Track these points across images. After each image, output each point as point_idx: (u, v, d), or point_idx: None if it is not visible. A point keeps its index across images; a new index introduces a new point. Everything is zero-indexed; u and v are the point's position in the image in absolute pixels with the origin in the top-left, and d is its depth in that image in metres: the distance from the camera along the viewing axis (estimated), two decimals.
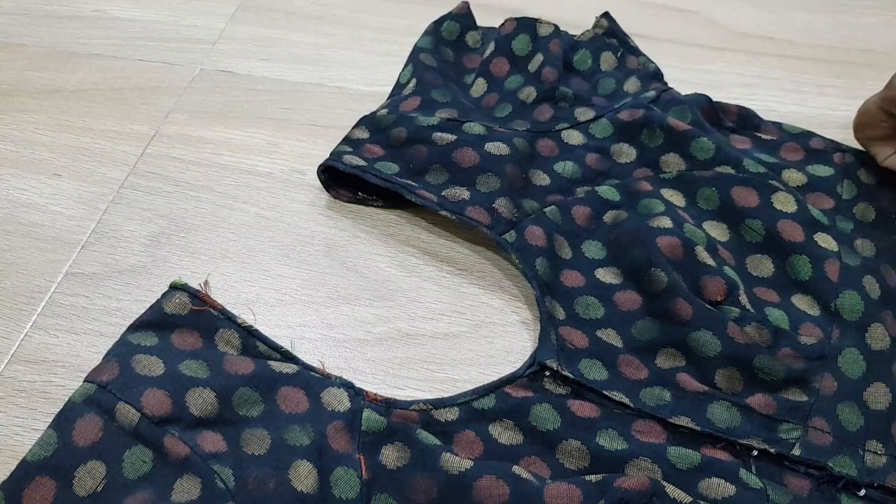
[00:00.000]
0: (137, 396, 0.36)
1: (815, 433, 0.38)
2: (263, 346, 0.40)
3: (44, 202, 0.49)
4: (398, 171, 0.48)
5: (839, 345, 0.40)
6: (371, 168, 0.48)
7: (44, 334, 0.43)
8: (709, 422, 0.38)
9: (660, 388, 0.40)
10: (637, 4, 0.65)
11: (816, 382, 0.39)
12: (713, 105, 0.52)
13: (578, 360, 0.40)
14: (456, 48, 0.57)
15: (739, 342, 0.40)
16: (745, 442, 0.38)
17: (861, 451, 0.38)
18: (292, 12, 0.64)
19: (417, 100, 0.52)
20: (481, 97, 0.53)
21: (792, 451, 0.37)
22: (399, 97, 0.53)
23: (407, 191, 0.46)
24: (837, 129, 0.56)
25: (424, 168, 0.48)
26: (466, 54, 0.57)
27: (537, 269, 0.43)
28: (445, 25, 0.56)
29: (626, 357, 0.41)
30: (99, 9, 0.64)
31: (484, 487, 0.34)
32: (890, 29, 0.64)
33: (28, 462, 0.34)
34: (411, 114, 0.50)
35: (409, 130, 0.49)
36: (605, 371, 0.40)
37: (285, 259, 0.47)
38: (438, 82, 0.53)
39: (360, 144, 0.50)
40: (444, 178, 0.47)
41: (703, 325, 0.40)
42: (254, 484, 0.35)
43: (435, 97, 0.52)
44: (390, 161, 0.49)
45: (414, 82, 0.53)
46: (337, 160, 0.48)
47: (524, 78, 0.53)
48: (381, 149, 0.49)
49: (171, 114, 0.55)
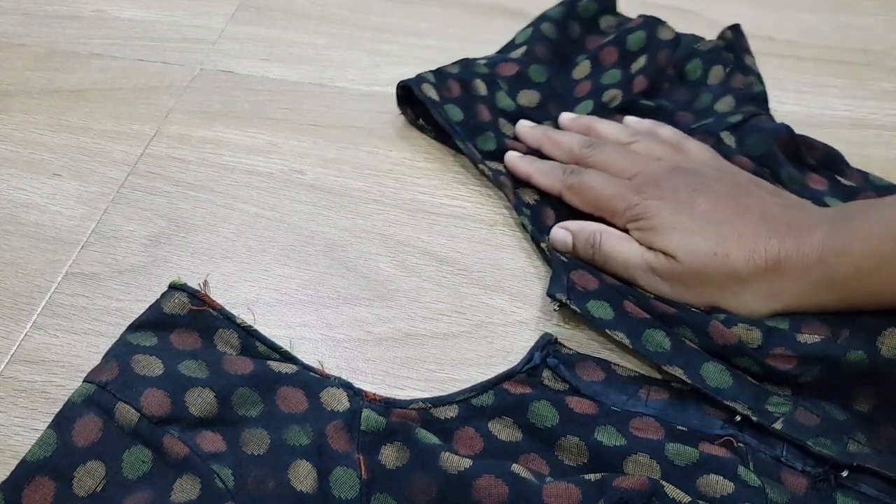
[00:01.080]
0: (137, 396, 0.36)
1: (804, 412, 0.38)
2: (263, 346, 0.40)
3: (44, 202, 0.49)
4: (461, 120, 0.51)
5: (847, 345, 0.39)
6: (440, 107, 0.51)
7: (44, 334, 0.43)
8: (700, 378, 0.39)
9: (662, 333, 0.40)
10: (637, 4, 0.64)
11: (803, 380, 0.39)
12: (795, 137, 0.50)
13: (587, 299, 0.41)
14: (585, 26, 0.58)
15: (718, 343, 0.40)
16: (730, 404, 0.38)
17: (846, 437, 0.38)
18: (292, 12, 0.64)
19: (516, 68, 0.54)
20: (579, 81, 0.55)
21: (773, 425, 0.37)
22: (504, 56, 0.55)
23: (460, 141, 0.50)
24: (837, 128, 0.56)
25: (481, 129, 0.51)
26: (593, 35, 0.58)
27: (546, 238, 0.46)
28: (583, 2, 0.58)
29: (631, 304, 0.41)
30: (99, 9, 0.64)
31: (483, 487, 0.34)
32: (890, 29, 0.64)
33: (28, 462, 0.34)
34: (500, 81, 0.53)
35: (488, 93, 0.52)
36: (610, 311, 0.41)
37: (285, 259, 0.47)
38: (545, 57, 0.55)
39: (446, 79, 0.52)
40: (492, 146, 0.50)
41: (685, 323, 0.41)
42: (253, 484, 0.35)
43: (531, 74, 0.54)
44: (460, 106, 0.51)
45: (524, 51, 0.55)
46: (416, 84, 0.51)
47: (622, 77, 0.54)
48: (461, 90, 0.52)
49: (171, 114, 0.55)
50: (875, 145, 0.54)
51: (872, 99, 0.58)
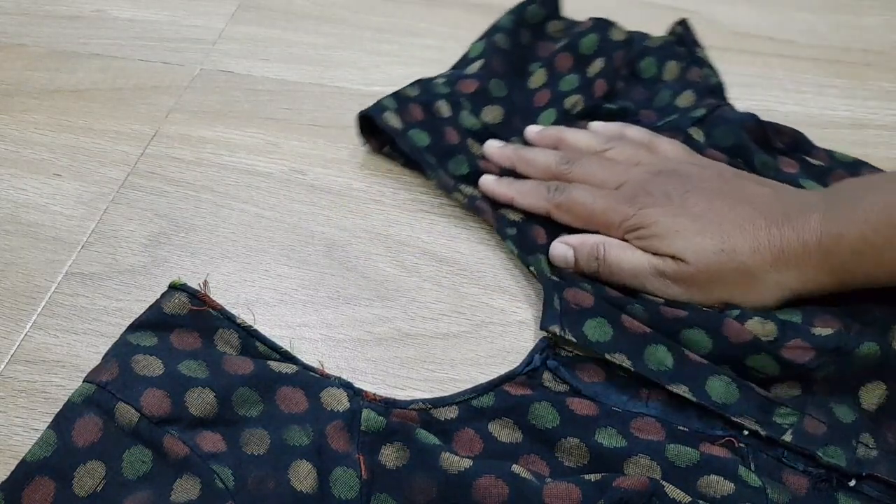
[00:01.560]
0: (137, 396, 0.36)
1: (811, 421, 0.38)
2: (263, 346, 0.40)
3: (44, 202, 0.49)
4: (428, 144, 0.49)
5: (860, 337, 0.39)
6: (404, 134, 0.49)
7: (44, 334, 0.43)
8: (706, 394, 0.38)
9: (664, 349, 0.39)
10: (637, 4, 0.65)
11: (817, 376, 0.39)
12: (762, 124, 0.51)
13: (583, 321, 0.40)
14: (535, 32, 0.57)
15: (733, 342, 0.39)
16: (738, 420, 0.38)
17: (855, 442, 0.38)
18: (292, 12, 0.64)
19: (475, 84, 0.52)
20: (536, 90, 0.54)
21: (783, 437, 0.37)
22: (461, 72, 0.54)
23: (429, 168, 0.48)
24: (837, 128, 0.56)
25: (452, 152, 0.49)
26: (543, 41, 0.57)
27: (538, 262, 0.45)
28: (531, 8, 0.57)
29: (629, 318, 0.41)
30: (99, 9, 0.64)
31: (483, 487, 0.34)
32: (890, 29, 0.64)
33: (27, 462, 0.34)
34: (462, 99, 0.52)
35: (452, 114, 0.51)
36: (609, 329, 0.40)
37: (285, 259, 0.47)
38: (502, 70, 0.54)
39: (406, 103, 0.51)
40: (465, 169, 0.49)
41: (697, 324, 0.40)
42: (253, 484, 0.35)
43: (492, 88, 0.52)
44: (426, 130, 0.50)
45: (481, 63, 0.54)
46: (377, 113, 0.49)
47: (580, 82, 0.53)
48: (423, 113, 0.50)
49: (171, 114, 0.55)
50: (875, 145, 0.54)
51: (872, 99, 0.58)
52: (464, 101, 0.52)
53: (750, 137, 0.50)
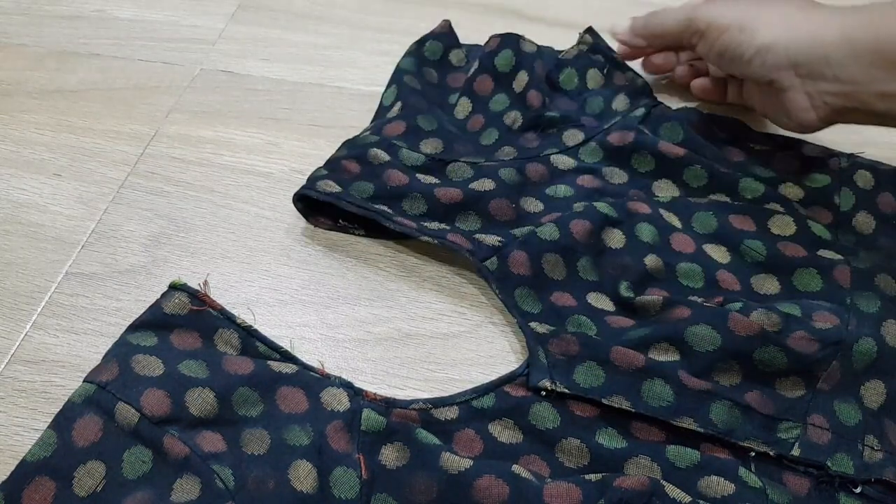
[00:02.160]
0: (137, 396, 0.36)
1: (815, 430, 0.38)
2: (263, 346, 0.40)
3: (44, 202, 0.49)
4: (374, 193, 0.46)
5: (857, 332, 0.40)
6: (346, 194, 0.46)
7: (44, 334, 0.43)
8: (711, 422, 0.38)
9: (661, 381, 0.38)
10: (637, 4, 0.64)
11: (821, 371, 0.39)
12: (704, 117, 0.51)
13: (573, 369, 0.39)
14: (440, 67, 0.55)
15: (741, 335, 0.39)
16: (745, 444, 0.38)
17: (860, 445, 0.38)
18: (292, 12, 0.64)
19: (402, 125, 0.50)
20: (466, 118, 0.52)
21: (791, 452, 0.37)
22: (383, 120, 0.51)
23: (384, 218, 0.45)
24: (837, 128, 0.56)
25: (402, 194, 0.46)
26: (451, 73, 0.56)
27: (516, 300, 0.43)
28: (428, 45, 0.55)
29: (619, 349, 0.40)
30: (99, 9, 0.64)
31: (483, 487, 0.34)
32: None
33: (28, 462, 0.34)
34: (395, 141, 0.49)
35: (390, 157, 0.47)
36: (601, 372, 0.39)
37: (285, 259, 0.47)
38: (423, 107, 0.51)
39: (338, 162, 0.48)
40: (422, 208, 0.46)
41: (703, 320, 0.40)
42: (253, 484, 0.35)
43: (420, 124, 0.50)
44: (367, 181, 0.46)
45: (399, 106, 0.51)
46: (311, 188, 0.46)
47: (509, 99, 0.52)
48: (359, 165, 0.47)
49: (171, 114, 0.55)
50: (875, 145, 0.54)
51: None
52: (397, 142, 0.49)
53: (696, 131, 0.50)
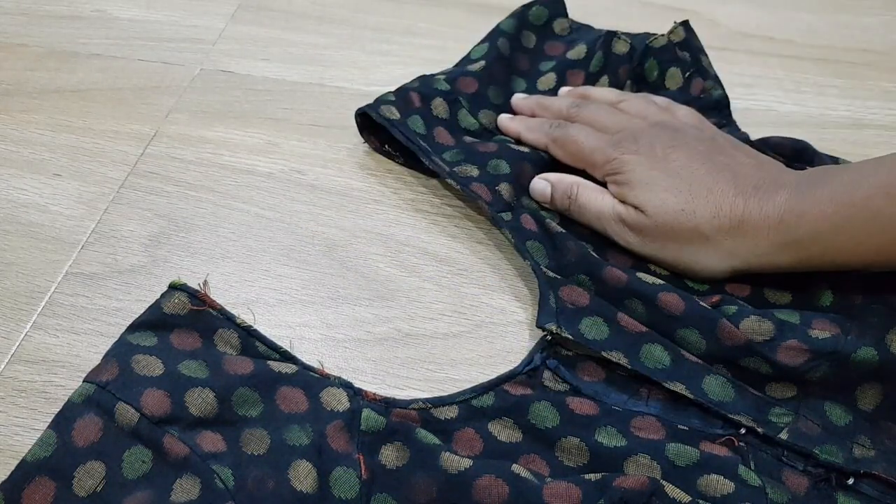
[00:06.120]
0: (137, 396, 0.36)
1: (805, 422, 0.38)
2: (263, 346, 0.40)
3: (44, 202, 0.49)
4: (424, 133, 0.49)
5: (857, 342, 0.39)
6: (401, 124, 0.49)
7: (44, 334, 0.43)
8: (703, 392, 0.38)
9: (661, 347, 0.40)
10: (637, 4, 0.65)
11: (812, 377, 0.39)
12: (755, 144, 0.50)
13: (579, 319, 0.41)
14: (540, 33, 0.57)
15: (727, 344, 0.39)
16: (735, 418, 0.38)
17: (850, 442, 0.38)
18: (292, 12, 0.64)
19: (475, 85, 0.53)
20: (545, 92, 0.55)
21: (779, 435, 0.38)
22: (463, 70, 0.54)
23: (424, 154, 0.48)
24: (837, 129, 0.56)
25: (445, 149, 0.50)
26: (550, 41, 0.58)
27: (528, 249, 0.45)
28: (534, 10, 0.57)
29: (626, 316, 0.41)
30: (99, 9, 0.64)
31: (483, 486, 0.34)
32: (890, 29, 0.64)
33: (27, 462, 0.34)
34: (461, 98, 0.52)
35: (449, 114, 0.51)
36: (605, 328, 0.40)
37: (285, 259, 0.47)
38: (502, 78, 0.54)
39: (406, 93, 0.51)
40: (460, 157, 0.49)
41: (692, 324, 0.40)
42: (253, 484, 0.35)
43: (489, 94, 0.53)
44: (422, 118, 0.50)
45: (481, 65, 0.54)
46: (374, 108, 0.50)
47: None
48: (421, 102, 0.51)
49: (171, 114, 0.55)
50: (875, 145, 0.54)
51: (872, 99, 0.58)
52: (463, 99, 0.52)
53: None
